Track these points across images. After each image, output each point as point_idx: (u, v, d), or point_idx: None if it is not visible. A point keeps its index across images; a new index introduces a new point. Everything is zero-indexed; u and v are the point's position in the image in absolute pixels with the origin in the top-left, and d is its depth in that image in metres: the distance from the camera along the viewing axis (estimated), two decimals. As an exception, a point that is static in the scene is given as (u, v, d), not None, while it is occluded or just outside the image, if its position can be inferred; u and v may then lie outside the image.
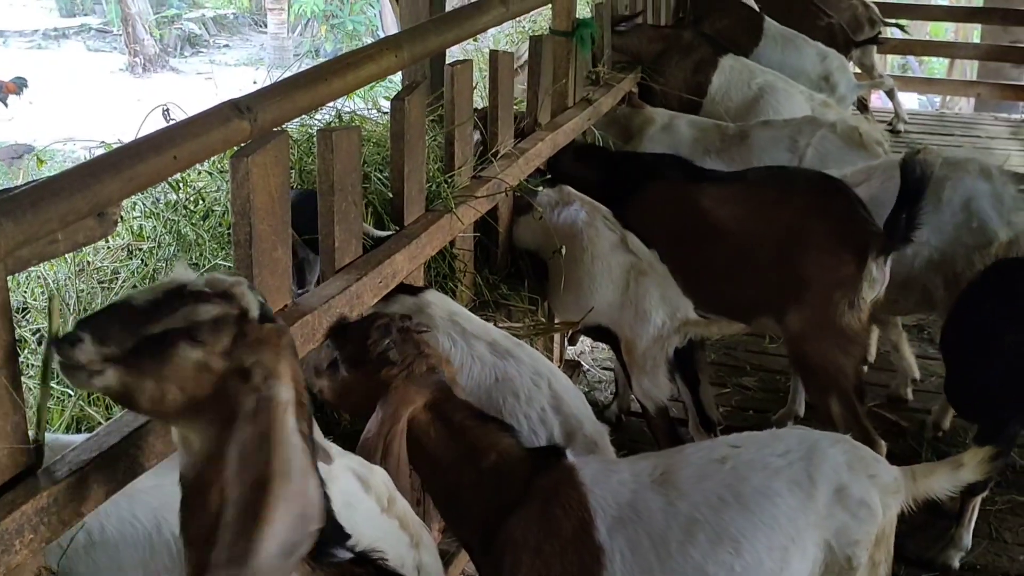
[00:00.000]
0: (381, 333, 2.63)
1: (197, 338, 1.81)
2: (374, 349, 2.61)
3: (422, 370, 2.62)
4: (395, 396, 2.57)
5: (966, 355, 3.95)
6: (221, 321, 1.83)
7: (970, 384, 3.95)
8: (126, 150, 2.04)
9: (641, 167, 4.64)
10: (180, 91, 20.32)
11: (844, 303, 3.95)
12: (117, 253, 3.42)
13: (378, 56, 3.08)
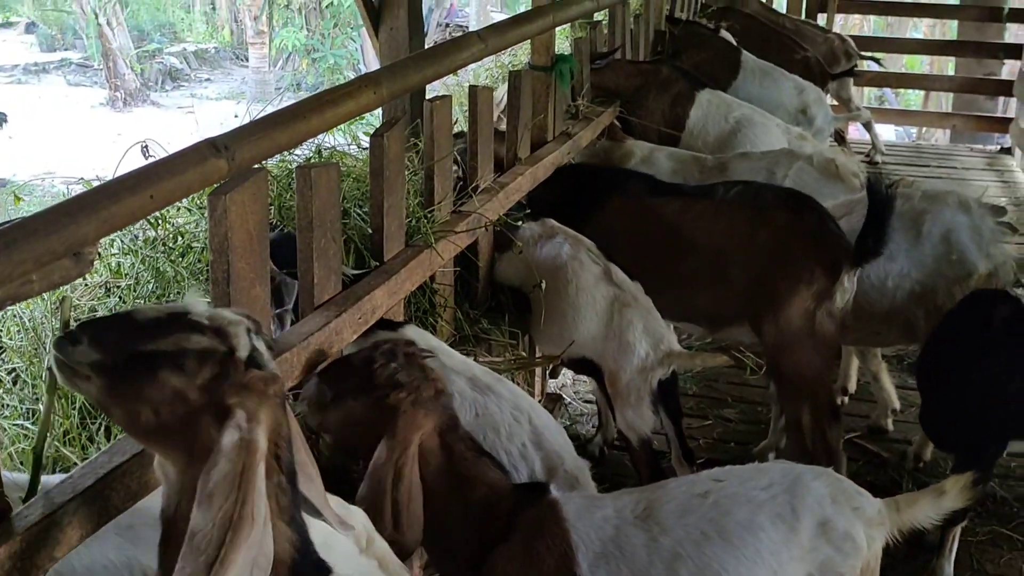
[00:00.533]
0: (387, 357, 2.63)
1: (180, 366, 1.82)
2: (381, 373, 2.60)
3: (430, 394, 2.61)
4: (405, 420, 2.55)
5: (940, 385, 3.98)
6: (206, 355, 1.83)
7: (945, 413, 3.98)
8: (103, 190, 2.03)
9: (609, 182, 4.71)
10: (161, 125, 20.41)
11: (821, 313, 4.08)
12: (95, 290, 3.40)
13: (357, 93, 3.09)
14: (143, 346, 1.82)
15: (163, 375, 1.81)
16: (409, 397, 2.58)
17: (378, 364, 2.62)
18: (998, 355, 3.84)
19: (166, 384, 1.81)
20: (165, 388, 1.81)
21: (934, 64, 19.80)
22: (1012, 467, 4.79)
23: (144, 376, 1.81)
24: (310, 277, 2.98)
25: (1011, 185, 9.74)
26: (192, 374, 1.82)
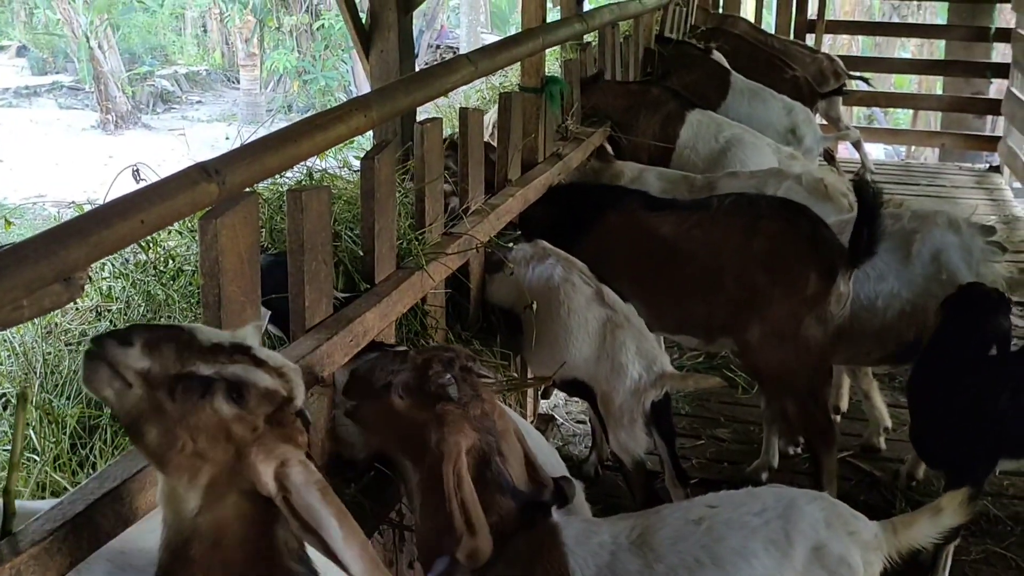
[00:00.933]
0: (445, 367, 2.61)
1: (240, 398, 1.76)
2: (435, 380, 2.58)
3: (476, 413, 2.59)
4: (453, 429, 2.53)
5: (930, 403, 4.00)
6: (270, 395, 1.78)
7: (935, 432, 3.99)
8: (92, 215, 2.03)
9: (603, 199, 4.75)
10: (152, 148, 20.42)
11: (812, 318, 4.15)
12: (86, 315, 3.40)
13: (347, 117, 3.09)
14: (203, 368, 1.75)
15: (218, 403, 1.74)
16: (457, 411, 2.56)
17: (434, 371, 2.60)
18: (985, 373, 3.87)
19: (218, 413, 1.74)
20: (215, 417, 1.74)
21: (922, 83, 19.92)
22: (1005, 485, 4.79)
23: (197, 399, 1.73)
24: (301, 300, 2.98)
25: (1000, 203, 9.79)
26: (251, 410, 1.76)
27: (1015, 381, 3.87)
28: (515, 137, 4.75)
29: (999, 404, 3.80)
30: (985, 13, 11.83)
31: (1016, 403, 3.83)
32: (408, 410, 2.61)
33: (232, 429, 1.76)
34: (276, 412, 1.79)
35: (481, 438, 2.59)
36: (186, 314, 3.31)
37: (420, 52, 23.04)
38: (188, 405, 1.73)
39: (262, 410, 1.78)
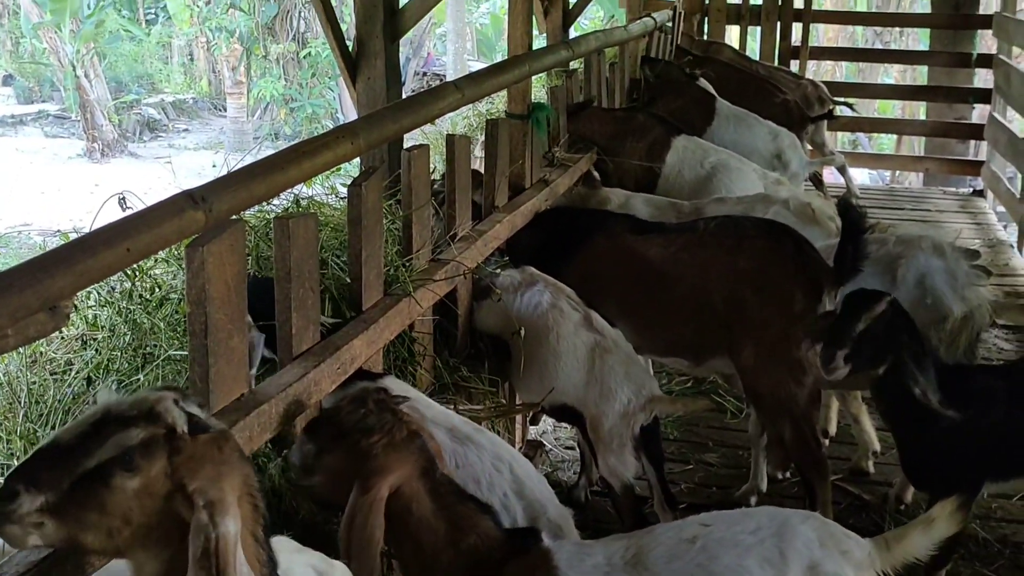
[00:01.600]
0: (356, 403, 2.59)
1: (130, 466, 1.75)
2: (350, 419, 2.57)
3: (402, 435, 2.57)
4: (374, 465, 2.51)
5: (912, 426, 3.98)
6: (151, 443, 1.77)
7: (920, 455, 3.98)
8: (78, 244, 2.02)
9: (590, 223, 4.78)
10: (138, 176, 20.41)
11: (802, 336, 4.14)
12: (71, 343, 3.38)
13: (334, 144, 3.10)
14: (86, 464, 1.75)
15: (119, 482, 1.74)
16: (381, 440, 2.54)
17: (346, 411, 2.59)
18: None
19: (126, 490, 1.75)
20: (127, 494, 1.75)
21: (906, 108, 20.08)
22: (993, 508, 4.79)
23: (101, 492, 1.74)
24: (288, 328, 2.97)
25: (984, 227, 9.84)
26: (146, 468, 1.76)
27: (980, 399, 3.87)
28: (502, 163, 4.76)
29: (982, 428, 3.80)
30: (966, 40, 11.93)
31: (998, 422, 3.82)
32: (341, 462, 2.57)
33: (148, 490, 1.77)
34: (171, 449, 1.78)
35: (417, 460, 2.57)
36: (172, 342, 3.29)
37: (407, 79, 23.12)
38: (98, 501, 1.75)
39: (157, 459, 1.77)
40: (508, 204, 4.82)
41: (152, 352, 3.26)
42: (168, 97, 27.63)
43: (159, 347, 3.28)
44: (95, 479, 1.74)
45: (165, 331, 3.33)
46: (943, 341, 4.67)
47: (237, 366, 2.67)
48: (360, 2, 4.60)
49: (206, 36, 25.51)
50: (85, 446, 1.77)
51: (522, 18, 5.23)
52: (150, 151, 24.08)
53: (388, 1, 4.59)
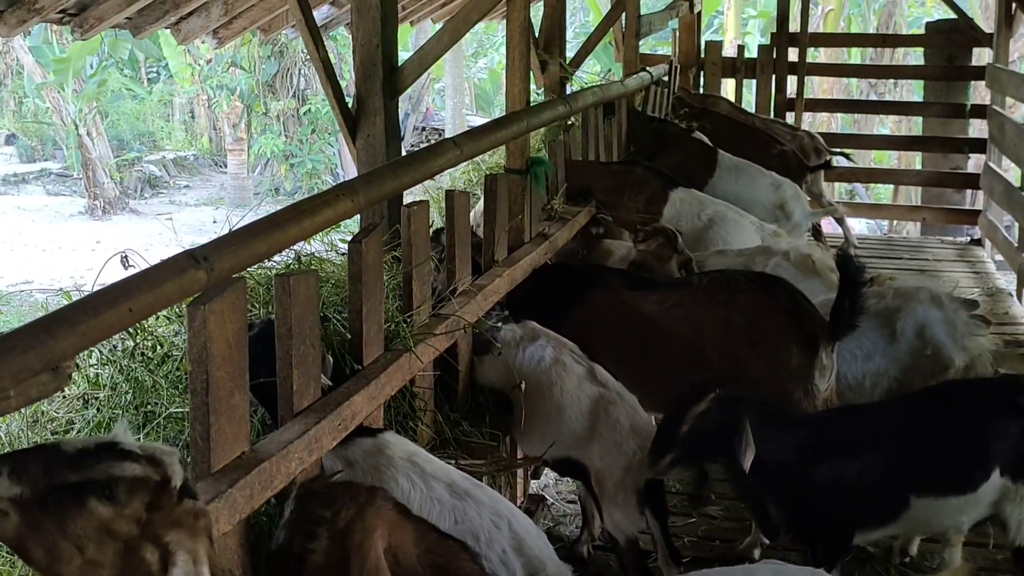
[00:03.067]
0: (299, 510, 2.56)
1: (110, 495, 1.73)
2: (310, 503, 2.56)
3: (363, 500, 2.56)
4: (358, 530, 2.50)
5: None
6: (139, 483, 1.76)
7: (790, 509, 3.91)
8: (80, 305, 2.04)
9: (587, 279, 4.80)
10: (139, 233, 20.49)
11: (798, 392, 4.17)
12: (73, 402, 3.38)
13: (334, 201, 3.13)
14: (70, 477, 1.73)
15: (91, 505, 1.72)
16: (349, 506, 2.53)
17: (300, 522, 2.55)
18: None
19: (93, 515, 1.71)
20: (92, 520, 1.71)
21: (902, 159, 20.20)
22: (1000, 560, 4.75)
23: (70, 508, 1.71)
24: (289, 384, 2.97)
25: (983, 276, 9.86)
26: (123, 503, 1.73)
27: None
28: (501, 218, 4.79)
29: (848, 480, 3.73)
30: (960, 91, 12.05)
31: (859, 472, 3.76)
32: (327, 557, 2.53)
33: (114, 528, 1.73)
34: (154, 499, 1.76)
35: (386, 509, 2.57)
36: (174, 400, 3.30)
37: (406, 134, 23.32)
38: (64, 516, 1.71)
39: (138, 500, 1.75)
40: (507, 258, 4.84)
41: (153, 410, 3.27)
42: (169, 154, 27.86)
43: (161, 405, 3.28)
44: (72, 494, 1.72)
45: (167, 389, 3.34)
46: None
47: (238, 424, 2.68)
48: (359, 61, 4.66)
49: (207, 94, 25.76)
50: (79, 460, 1.75)
51: (520, 74, 5.28)
52: (151, 208, 24.22)
53: (387, 59, 4.65)
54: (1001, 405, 3.78)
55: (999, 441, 3.71)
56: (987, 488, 3.72)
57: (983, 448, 3.72)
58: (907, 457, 3.74)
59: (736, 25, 23.61)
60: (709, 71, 11.58)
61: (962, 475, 3.73)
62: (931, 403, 3.97)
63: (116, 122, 27.26)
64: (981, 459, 3.71)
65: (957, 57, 12.00)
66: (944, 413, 3.85)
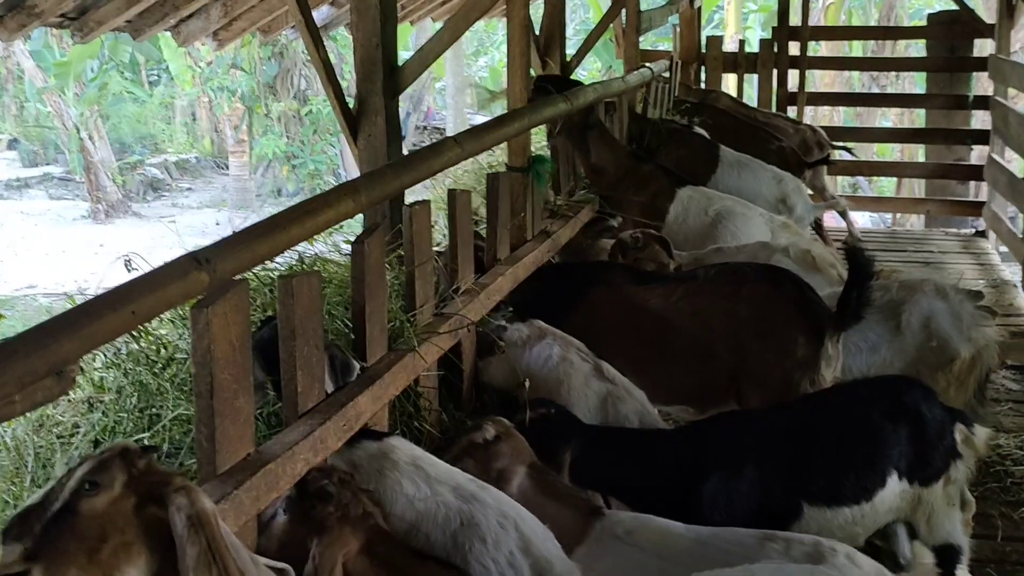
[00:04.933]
0: (320, 475, 2.67)
1: (93, 487, 1.87)
2: (312, 484, 2.64)
3: (358, 512, 2.62)
4: (329, 536, 2.57)
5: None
6: (107, 463, 1.90)
7: None
8: (83, 309, 2.04)
9: (591, 275, 4.81)
10: (142, 236, 20.48)
11: (805, 382, 4.17)
12: (78, 406, 3.38)
13: (336, 202, 3.13)
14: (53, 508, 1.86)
15: (84, 506, 1.85)
16: (336, 512, 2.60)
17: (312, 477, 2.67)
18: None
19: (93, 509, 1.85)
20: (96, 513, 1.85)
21: (905, 151, 20.18)
22: (1008, 551, 4.73)
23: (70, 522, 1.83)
24: (293, 386, 2.97)
25: (987, 267, 9.85)
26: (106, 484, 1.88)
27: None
28: (503, 216, 4.79)
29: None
30: (962, 82, 12.02)
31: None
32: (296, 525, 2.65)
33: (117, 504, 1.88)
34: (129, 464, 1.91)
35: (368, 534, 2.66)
36: (179, 402, 3.29)
37: (408, 133, 23.33)
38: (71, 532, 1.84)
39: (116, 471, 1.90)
40: (510, 256, 4.84)
41: (158, 413, 3.26)
42: (171, 157, 27.91)
43: (166, 408, 3.28)
44: (65, 514, 1.85)
45: (172, 392, 3.34)
46: (951, 384, 4.67)
47: (243, 426, 2.67)
48: (360, 61, 4.65)
49: (208, 96, 25.78)
50: (54, 493, 1.89)
51: (521, 72, 5.28)
52: (154, 211, 24.26)
53: (387, 59, 4.64)
54: (889, 407, 3.65)
55: (891, 445, 3.58)
56: (885, 495, 3.58)
57: (875, 454, 3.58)
58: (796, 464, 3.60)
59: (737, 19, 23.59)
60: (710, 66, 11.55)
61: (855, 484, 3.56)
62: (820, 407, 3.85)
63: (117, 125, 27.30)
64: (874, 466, 3.57)
65: (959, 48, 11.98)
66: (832, 417, 3.73)
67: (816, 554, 3.00)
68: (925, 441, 3.59)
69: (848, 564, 2.96)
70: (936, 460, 3.59)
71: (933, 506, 3.60)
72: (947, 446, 3.60)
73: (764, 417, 3.87)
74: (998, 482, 5.33)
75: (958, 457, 3.61)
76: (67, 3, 5.65)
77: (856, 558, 3.02)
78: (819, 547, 3.03)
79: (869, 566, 3.02)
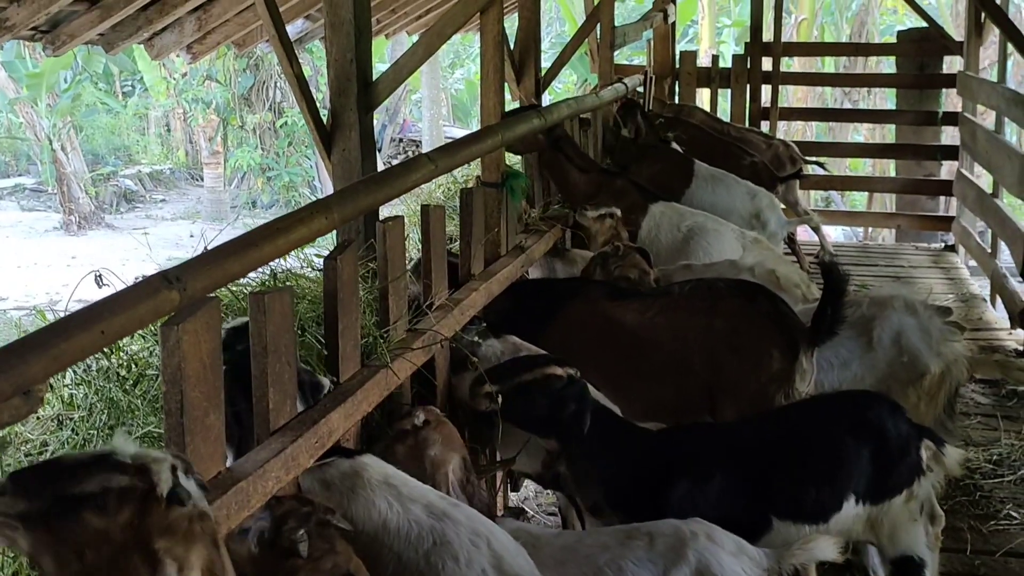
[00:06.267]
0: (299, 521, 2.66)
1: (102, 506, 1.83)
2: (287, 536, 2.63)
3: (327, 567, 2.64)
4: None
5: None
6: (126, 493, 1.85)
7: None
8: (52, 328, 2.03)
9: (566, 290, 4.83)
10: (115, 248, 20.34)
11: (780, 396, 4.22)
12: (47, 424, 3.35)
13: (309, 219, 3.12)
14: (68, 490, 1.83)
15: (85, 516, 1.82)
16: (307, 566, 2.62)
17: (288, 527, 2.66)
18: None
19: (88, 525, 1.82)
20: (88, 530, 1.82)
21: (876, 166, 20.36)
22: (976, 565, 4.79)
23: (68, 519, 1.82)
24: (265, 403, 2.96)
25: (957, 281, 9.96)
26: (113, 513, 1.83)
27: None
28: (477, 231, 4.80)
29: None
30: (932, 98, 12.17)
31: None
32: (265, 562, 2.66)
33: (110, 536, 1.84)
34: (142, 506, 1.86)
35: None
36: (149, 419, 3.28)
37: (383, 146, 23.32)
38: (63, 528, 1.83)
39: (127, 509, 1.85)
40: (484, 272, 4.84)
41: (129, 431, 3.24)
42: (145, 168, 27.77)
43: (136, 425, 3.26)
44: (69, 507, 1.83)
45: (143, 408, 3.32)
46: (922, 398, 4.71)
47: (214, 444, 2.66)
48: (334, 75, 4.65)
49: (183, 107, 25.70)
50: (77, 474, 1.85)
51: (495, 88, 5.30)
52: (127, 222, 24.12)
53: (361, 74, 4.64)
54: (854, 424, 3.66)
55: (851, 465, 3.58)
56: (840, 518, 3.59)
57: (834, 475, 3.59)
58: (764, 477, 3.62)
59: (711, 34, 23.76)
60: (684, 81, 11.64)
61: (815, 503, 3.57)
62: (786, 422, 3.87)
63: (91, 136, 27.15)
64: (832, 487, 3.57)
65: (928, 65, 12.12)
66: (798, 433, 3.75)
67: (678, 543, 3.12)
68: (887, 457, 3.61)
69: (708, 544, 3.10)
70: (897, 476, 3.62)
71: (894, 520, 3.63)
72: (911, 462, 3.63)
73: (733, 429, 3.93)
74: (967, 496, 5.40)
75: (922, 474, 3.63)
76: (39, 16, 5.62)
77: (716, 536, 3.14)
78: (679, 534, 3.15)
79: (730, 542, 3.14)
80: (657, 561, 3.07)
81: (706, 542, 3.09)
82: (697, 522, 3.21)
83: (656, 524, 3.23)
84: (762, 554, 3.15)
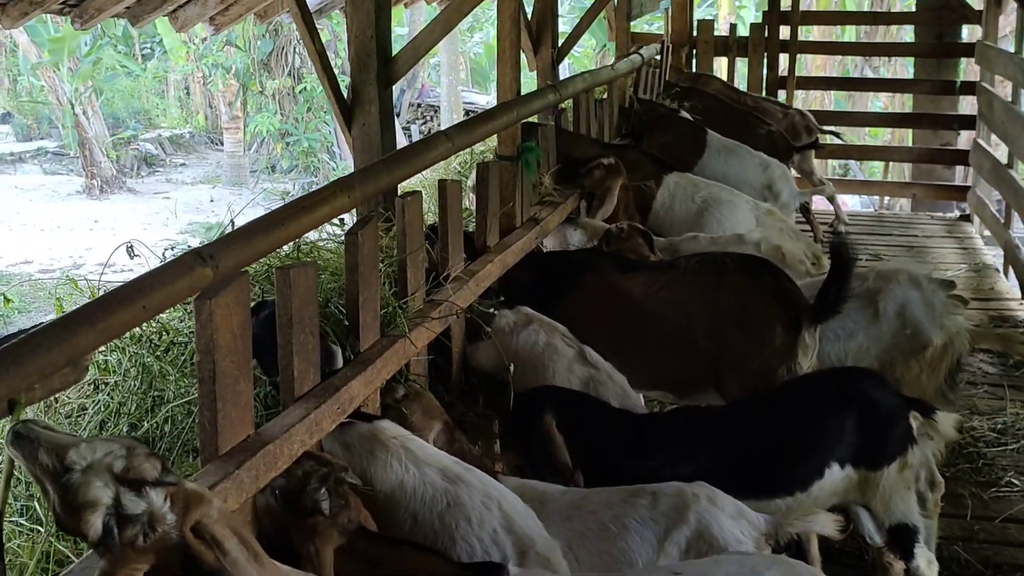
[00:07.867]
0: (320, 481, 2.85)
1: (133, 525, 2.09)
2: (311, 495, 2.82)
3: (344, 523, 2.83)
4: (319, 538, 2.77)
5: None
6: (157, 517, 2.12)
7: None
8: (99, 304, 2.20)
9: (578, 262, 4.94)
10: (137, 212, 20.53)
11: (783, 370, 4.32)
12: (84, 388, 3.53)
13: (332, 198, 3.27)
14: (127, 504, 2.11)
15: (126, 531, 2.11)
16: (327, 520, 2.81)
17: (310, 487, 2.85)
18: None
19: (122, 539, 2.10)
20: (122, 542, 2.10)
21: (894, 135, 20.29)
22: (976, 530, 4.91)
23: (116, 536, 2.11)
24: (290, 371, 3.12)
25: (971, 251, 10.01)
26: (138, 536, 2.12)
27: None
28: (493, 204, 4.92)
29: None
30: (950, 68, 12.17)
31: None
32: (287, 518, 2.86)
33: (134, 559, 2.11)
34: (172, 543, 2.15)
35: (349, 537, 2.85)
36: (180, 383, 3.44)
37: (402, 111, 23.37)
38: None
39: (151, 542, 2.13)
40: (499, 244, 4.97)
41: (160, 395, 3.42)
42: (165, 132, 27.88)
43: (168, 389, 3.44)
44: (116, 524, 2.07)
45: (174, 374, 3.49)
46: (924, 370, 4.84)
47: (243, 409, 2.83)
48: (354, 51, 4.78)
49: (202, 72, 25.77)
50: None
51: (511, 63, 5.41)
52: (148, 187, 24.29)
53: (381, 50, 4.77)
54: (836, 398, 3.79)
55: (832, 436, 3.72)
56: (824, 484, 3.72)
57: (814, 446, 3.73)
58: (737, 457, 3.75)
59: (730, 1, 23.63)
60: (701, 50, 11.66)
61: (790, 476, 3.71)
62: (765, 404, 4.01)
63: (111, 100, 27.26)
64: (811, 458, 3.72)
65: (947, 34, 12.11)
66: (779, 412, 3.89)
67: (680, 504, 3.26)
68: (874, 427, 3.74)
69: (709, 506, 3.24)
70: (887, 445, 3.74)
71: (887, 489, 3.75)
72: (900, 432, 3.75)
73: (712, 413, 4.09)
74: (970, 463, 5.52)
75: (914, 442, 3.76)
76: (68, -9, 5.77)
77: (717, 499, 3.28)
78: (682, 495, 3.29)
79: (730, 505, 3.28)
80: (660, 520, 3.22)
81: (707, 504, 3.24)
82: (701, 485, 3.35)
83: (661, 485, 3.38)
84: (761, 519, 3.28)
